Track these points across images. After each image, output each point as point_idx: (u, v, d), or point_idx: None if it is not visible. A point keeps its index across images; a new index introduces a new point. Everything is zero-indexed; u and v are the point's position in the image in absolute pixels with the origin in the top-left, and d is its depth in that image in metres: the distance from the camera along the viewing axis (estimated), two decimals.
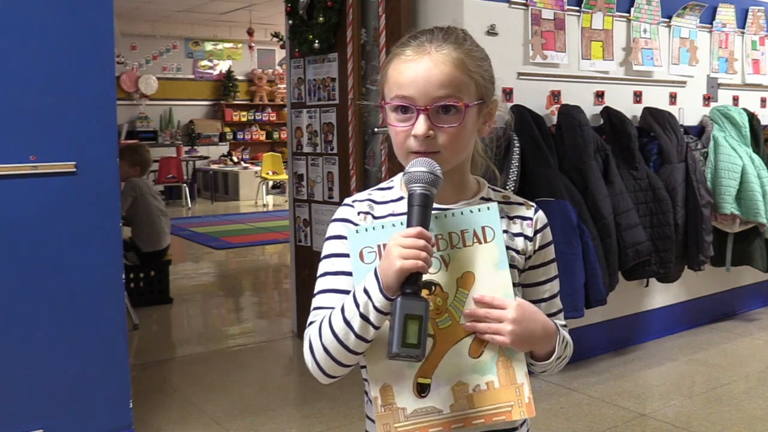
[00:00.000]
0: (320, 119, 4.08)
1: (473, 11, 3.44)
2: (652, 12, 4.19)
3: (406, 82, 1.14)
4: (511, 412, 1.11)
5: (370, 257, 1.11)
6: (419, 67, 1.14)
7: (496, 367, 1.11)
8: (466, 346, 1.11)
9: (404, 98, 1.15)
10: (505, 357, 1.11)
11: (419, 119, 1.13)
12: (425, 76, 1.13)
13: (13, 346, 2.64)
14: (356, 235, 1.12)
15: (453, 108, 1.13)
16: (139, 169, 5.23)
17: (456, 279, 1.12)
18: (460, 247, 1.12)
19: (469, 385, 1.10)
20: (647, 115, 4.06)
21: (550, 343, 1.16)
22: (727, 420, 3.15)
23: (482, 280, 1.12)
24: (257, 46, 12.81)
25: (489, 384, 1.11)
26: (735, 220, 4.24)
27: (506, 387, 1.11)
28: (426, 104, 1.13)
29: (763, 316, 4.76)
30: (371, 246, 1.11)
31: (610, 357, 3.97)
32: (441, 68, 1.13)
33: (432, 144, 1.14)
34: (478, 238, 1.13)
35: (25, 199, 2.64)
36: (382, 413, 1.10)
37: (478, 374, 1.11)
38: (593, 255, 3.45)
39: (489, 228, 1.13)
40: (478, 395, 1.10)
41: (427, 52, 1.15)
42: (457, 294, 1.12)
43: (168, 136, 12.94)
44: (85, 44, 2.71)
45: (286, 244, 6.70)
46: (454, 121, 1.14)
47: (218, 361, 4.06)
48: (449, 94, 1.13)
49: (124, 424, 2.87)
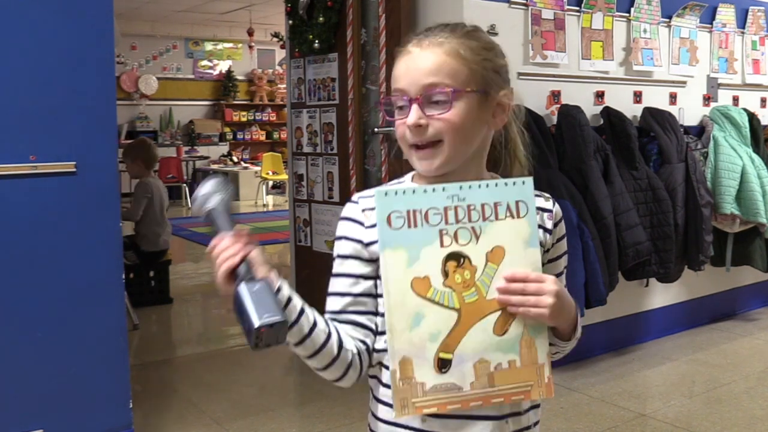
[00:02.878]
0: (320, 119, 4.08)
1: (473, 11, 3.44)
2: (652, 12, 4.19)
3: (400, 75, 1.16)
4: (531, 392, 1.09)
5: (398, 222, 1.06)
6: (410, 58, 1.15)
7: (519, 346, 1.09)
8: (491, 323, 1.08)
9: (398, 90, 1.16)
10: (528, 336, 1.09)
11: (411, 109, 1.14)
12: (415, 66, 1.14)
13: (13, 346, 2.63)
14: (384, 198, 1.07)
15: (441, 94, 1.13)
16: (143, 165, 5.25)
17: (486, 253, 1.09)
18: (492, 220, 1.08)
19: (491, 362, 1.08)
20: (647, 115, 4.06)
21: (573, 321, 1.16)
22: (727, 420, 3.15)
23: (512, 256, 1.09)
24: (257, 46, 12.81)
25: (511, 363, 1.08)
26: (735, 220, 4.24)
27: (527, 366, 1.09)
28: (416, 94, 1.13)
29: (763, 316, 4.76)
30: (400, 211, 1.07)
31: (610, 357, 3.97)
32: (429, 57, 1.14)
33: (427, 134, 1.14)
34: (511, 213, 1.09)
35: (25, 199, 2.63)
36: (400, 387, 1.07)
37: (501, 352, 1.08)
38: (593, 255, 3.45)
39: (522, 203, 1.09)
40: (500, 374, 1.08)
41: (420, 45, 1.16)
42: (486, 269, 1.08)
43: (168, 136, 12.94)
44: (85, 44, 2.71)
45: (286, 244, 6.69)
46: (442, 109, 1.13)
47: (218, 361, 4.06)
48: (437, 81, 1.13)
49: (124, 424, 2.87)
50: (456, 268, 1.08)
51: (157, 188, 5.23)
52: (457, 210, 1.08)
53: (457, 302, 1.07)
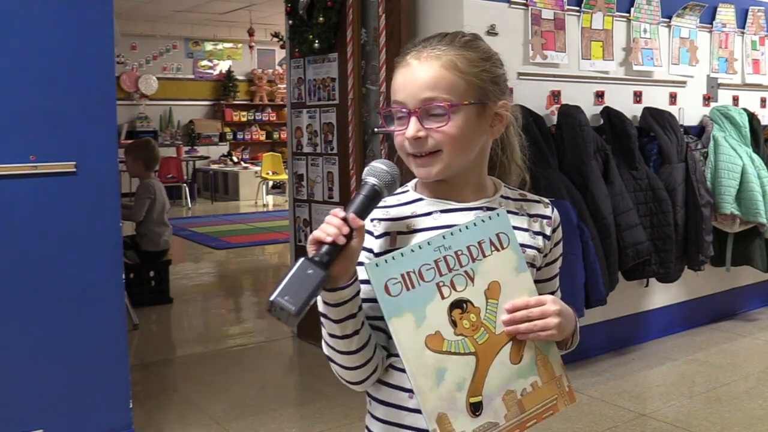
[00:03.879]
0: (320, 119, 4.08)
1: (473, 11, 3.44)
2: (652, 12, 4.19)
3: (398, 88, 1.18)
4: (557, 405, 1.15)
5: (396, 289, 1.09)
6: (409, 71, 1.17)
7: (536, 367, 1.15)
8: (507, 355, 1.13)
9: (396, 103, 1.18)
10: (541, 354, 1.15)
11: (410, 122, 1.16)
12: (413, 80, 1.16)
13: (13, 346, 2.64)
14: (376, 269, 1.09)
15: (439, 108, 1.15)
16: (143, 165, 5.25)
17: (484, 291, 1.14)
18: (481, 259, 1.14)
19: (516, 391, 1.13)
20: (647, 115, 4.06)
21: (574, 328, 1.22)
22: (727, 420, 3.15)
23: (507, 286, 1.15)
24: (257, 46, 12.81)
25: (534, 385, 1.14)
26: (735, 220, 4.24)
27: (548, 383, 1.15)
28: (415, 107, 1.15)
29: (763, 316, 4.76)
30: (395, 277, 1.09)
31: (610, 357, 3.97)
32: (427, 71, 1.15)
33: (426, 145, 1.16)
34: (495, 246, 1.15)
35: (25, 199, 2.64)
36: None
37: (523, 378, 1.14)
38: (593, 255, 3.45)
39: (503, 234, 1.16)
40: (527, 398, 1.14)
41: (419, 57, 1.17)
42: (488, 306, 1.13)
43: (168, 136, 12.94)
44: (85, 44, 2.71)
45: (286, 244, 6.71)
46: (441, 122, 1.15)
47: (218, 361, 4.06)
48: (434, 96, 1.14)
49: (123, 424, 2.87)
50: (462, 315, 1.12)
51: (159, 189, 5.25)
52: (446, 259, 1.12)
53: (471, 346, 1.11)
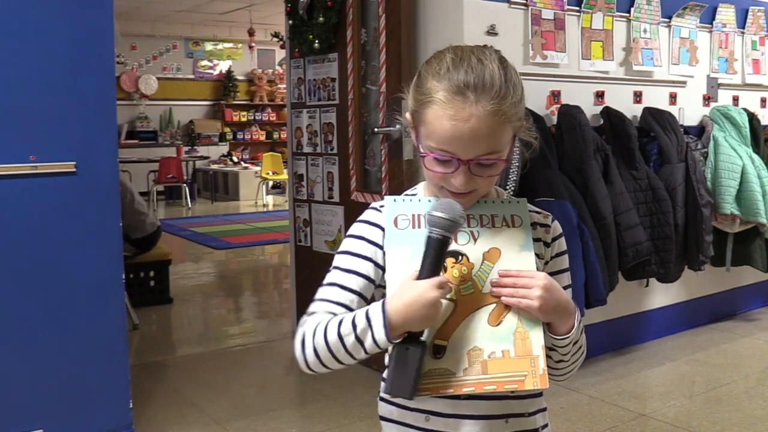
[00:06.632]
0: (320, 119, 4.08)
1: (473, 11, 3.44)
2: (652, 12, 4.19)
3: (450, 139, 1.12)
4: (524, 382, 1.13)
5: (403, 224, 1.17)
6: (465, 127, 1.11)
7: (513, 337, 1.14)
8: (486, 313, 1.14)
9: (446, 152, 1.14)
10: (523, 329, 1.14)
11: (459, 171, 1.15)
12: (470, 137, 1.11)
13: (13, 346, 2.64)
14: (393, 203, 1.19)
15: (492, 161, 1.15)
16: None
17: (483, 252, 1.17)
18: (489, 227, 1.18)
19: (484, 350, 1.13)
20: (647, 115, 4.06)
21: (570, 320, 1.19)
22: (727, 420, 3.15)
23: (507, 257, 1.17)
24: (257, 46, 12.81)
25: (505, 352, 1.13)
26: (735, 220, 4.24)
27: (522, 357, 1.13)
28: (467, 158, 1.13)
29: (763, 316, 4.76)
30: (406, 214, 1.18)
31: (610, 357, 3.97)
32: (483, 130, 1.12)
33: (471, 189, 1.17)
34: (507, 223, 1.20)
35: (25, 199, 2.64)
36: None
37: (495, 342, 1.13)
38: (593, 255, 3.45)
39: (518, 217, 1.20)
40: (493, 362, 1.12)
41: (471, 110, 1.11)
42: (482, 266, 1.16)
43: (168, 136, 12.95)
44: (85, 44, 2.71)
45: (286, 244, 6.70)
46: (493, 172, 1.17)
47: (218, 361, 4.06)
48: (491, 150, 1.14)
49: (124, 424, 2.87)
50: (454, 264, 1.15)
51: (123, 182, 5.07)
52: None
53: (453, 293, 1.13)
